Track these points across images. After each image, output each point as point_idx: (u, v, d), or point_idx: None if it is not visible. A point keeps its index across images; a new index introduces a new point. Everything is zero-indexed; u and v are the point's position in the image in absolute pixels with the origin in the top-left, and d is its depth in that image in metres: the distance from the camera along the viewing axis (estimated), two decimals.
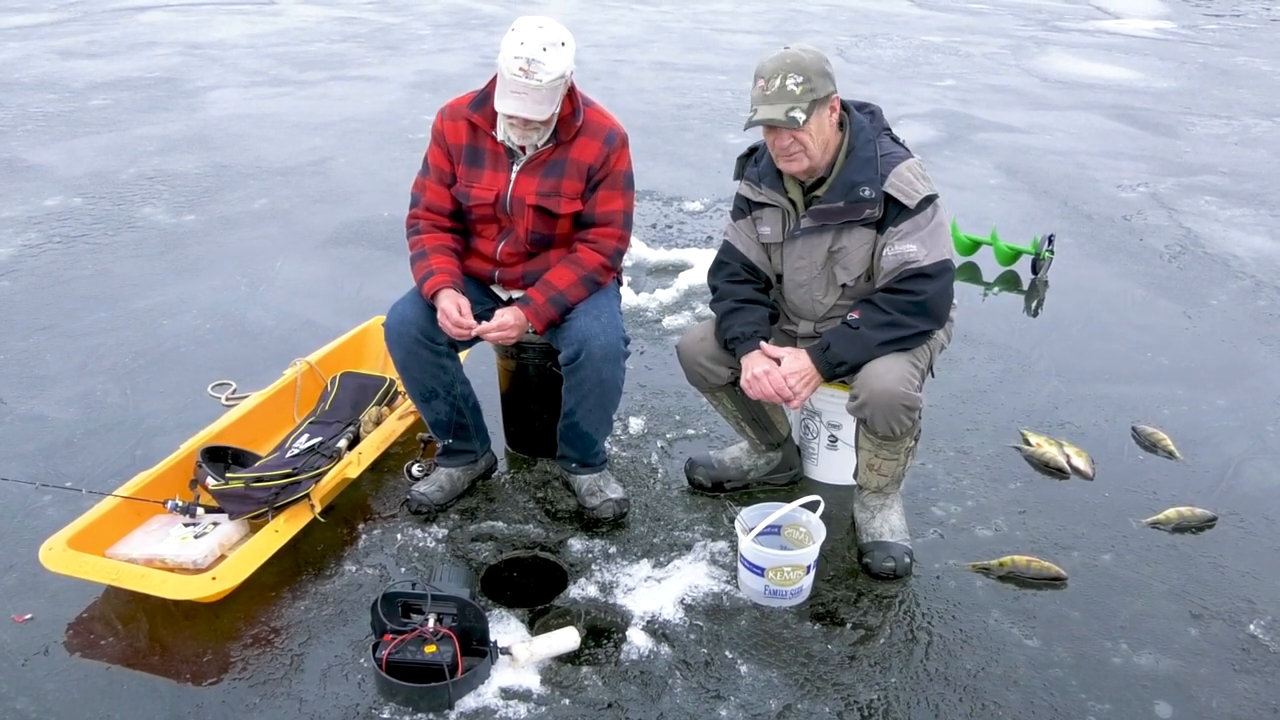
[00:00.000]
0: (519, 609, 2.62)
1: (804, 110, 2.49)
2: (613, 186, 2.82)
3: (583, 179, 2.78)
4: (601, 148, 2.77)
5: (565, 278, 2.81)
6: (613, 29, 11.58)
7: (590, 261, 2.82)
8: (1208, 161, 6.87)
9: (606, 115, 2.83)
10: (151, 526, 2.77)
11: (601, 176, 2.79)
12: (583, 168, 2.77)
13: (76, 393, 3.69)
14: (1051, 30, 12.09)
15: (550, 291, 2.80)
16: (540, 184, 2.78)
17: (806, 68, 2.51)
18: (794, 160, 2.59)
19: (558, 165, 2.77)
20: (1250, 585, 2.74)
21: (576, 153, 2.77)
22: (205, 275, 4.76)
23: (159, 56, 9.61)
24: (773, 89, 2.51)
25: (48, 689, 2.38)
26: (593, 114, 2.81)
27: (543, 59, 2.56)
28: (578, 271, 2.81)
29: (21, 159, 6.45)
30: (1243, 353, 4.15)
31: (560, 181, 2.77)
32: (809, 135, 2.53)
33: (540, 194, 2.77)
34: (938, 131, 7.50)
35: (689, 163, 6.68)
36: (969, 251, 5.02)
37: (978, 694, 2.38)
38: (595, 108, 2.84)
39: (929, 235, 2.57)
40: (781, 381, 2.63)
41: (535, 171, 2.78)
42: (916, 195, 2.56)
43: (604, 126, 2.79)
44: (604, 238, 2.84)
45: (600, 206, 2.82)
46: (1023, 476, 3.24)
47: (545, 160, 2.78)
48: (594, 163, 2.77)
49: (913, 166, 2.60)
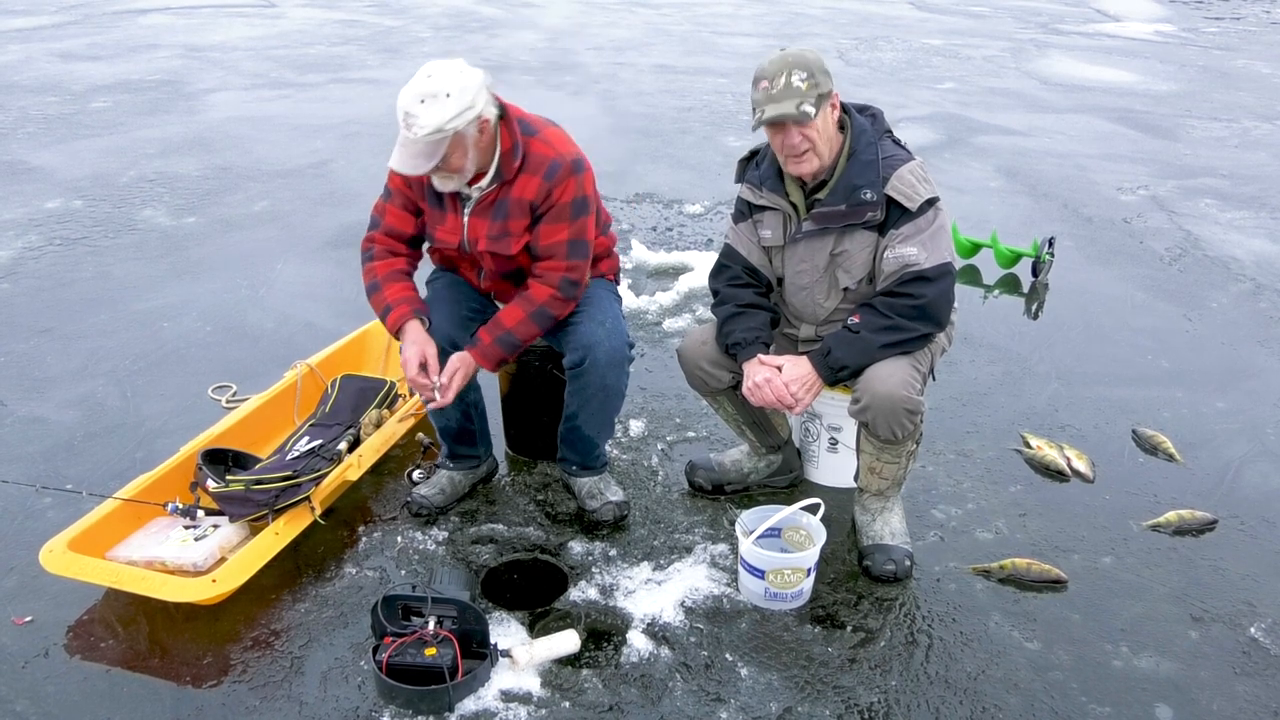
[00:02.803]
0: (519, 612, 2.62)
1: (812, 105, 2.48)
2: (556, 219, 2.69)
3: (527, 215, 2.70)
4: (542, 183, 2.65)
5: (514, 315, 2.76)
6: (613, 32, 11.58)
7: (539, 296, 2.75)
8: (1208, 164, 6.88)
9: (551, 145, 2.69)
10: (152, 529, 2.77)
11: (544, 210, 2.69)
12: (524, 205, 2.68)
13: (77, 395, 3.69)
14: (1051, 33, 12.10)
15: (498, 331, 2.76)
16: (489, 227, 2.72)
17: (809, 64, 2.51)
18: (804, 161, 2.56)
19: (503, 205, 2.69)
20: (1251, 588, 2.74)
21: (519, 191, 2.67)
22: (206, 278, 4.77)
23: (160, 59, 9.62)
24: (778, 87, 2.49)
25: (48, 691, 2.38)
26: (536, 146, 2.67)
27: (418, 112, 2.45)
28: (526, 309, 2.75)
29: (22, 161, 6.45)
30: (1243, 355, 4.15)
31: (506, 222, 2.70)
32: (817, 132, 2.53)
33: (490, 237, 2.72)
34: (938, 134, 7.50)
35: (689, 165, 6.68)
36: (969, 254, 5.02)
37: (978, 697, 2.38)
38: (539, 138, 2.69)
39: (930, 238, 2.57)
40: (783, 389, 2.63)
41: (484, 214, 2.71)
42: (918, 198, 2.55)
43: (545, 159, 2.66)
44: (549, 270, 2.74)
45: (543, 240, 2.72)
46: (1023, 479, 3.24)
47: (492, 201, 2.70)
48: (535, 199, 2.67)
49: (914, 169, 2.59)
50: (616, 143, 7.11)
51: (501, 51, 10.27)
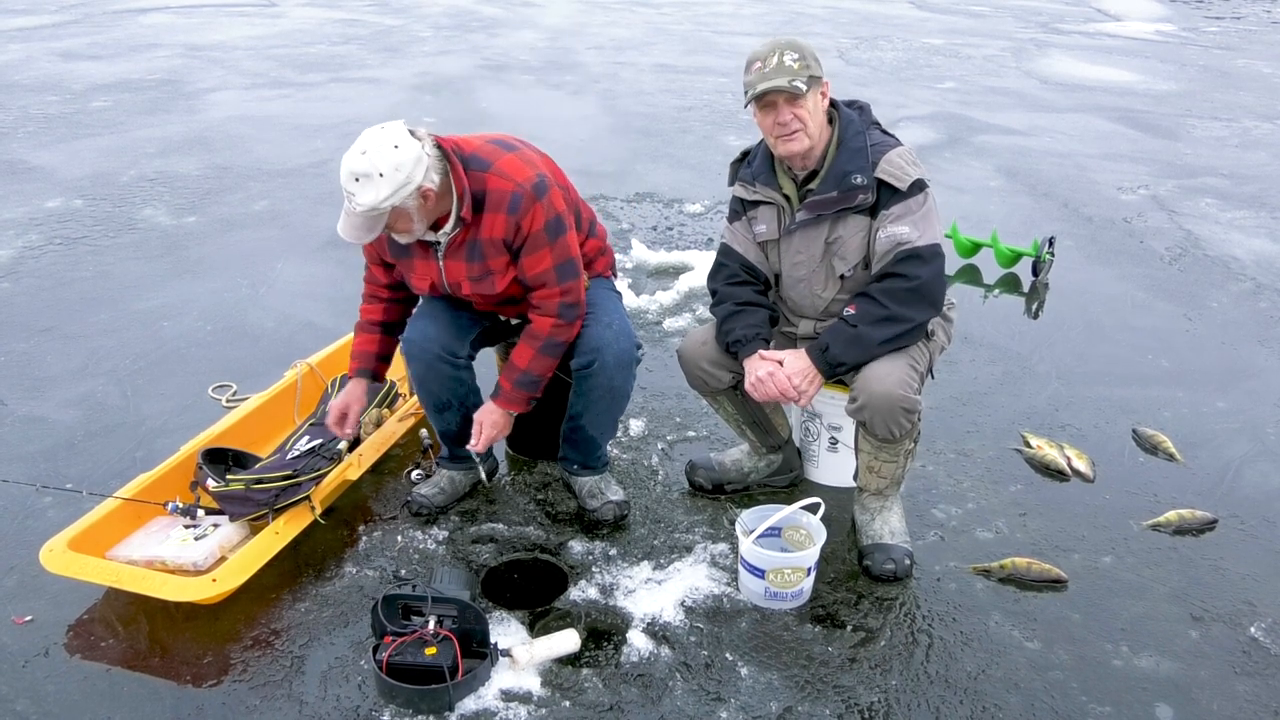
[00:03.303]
0: (519, 611, 2.63)
1: (804, 83, 2.51)
2: (534, 248, 2.65)
3: (503, 253, 2.67)
4: (508, 218, 2.60)
5: (524, 355, 2.77)
6: (613, 31, 11.58)
7: (542, 329, 2.75)
8: (1208, 164, 6.88)
9: (507, 176, 2.59)
10: (152, 528, 2.78)
11: (519, 244, 2.65)
12: (497, 244, 2.65)
13: (77, 394, 3.70)
14: (1052, 33, 12.10)
15: (514, 374, 2.78)
16: (468, 269, 2.70)
17: (801, 47, 2.55)
18: (794, 139, 2.58)
19: (475, 246, 2.66)
20: (1251, 587, 2.74)
21: (486, 231, 2.63)
22: (206, 277, 4.77)
23: (160, 58, 9.62)
24: (770, 66, 2.52)
25: (48, 691, 2.38)
26: (492, 182, 2.59)
27: (354, 190, 2.45)
28: (534, 345, 2.76)
29: (23, 161, 6.45)
30: (1243, 355, 4.15)
31: (485, 262, 2.68)
32: (808, 111, 2.55)
33: (472, 279, 2.72)
34: (938, 134, 7.50)
35: (689, 165, 6.68)
36: (969, 254, 5.01)
37: (978, 696, 2.38)
38: (493, 171, 2.60)
39: (921, 218, 2.58)
40: (786, 382, 2.63)
41: (458, 256, 2.69)
42: (908, 178, 2.58)
43: (505, 194, 2.58)
44: (545, 299, 2.72)
45: (529, 272, 2.69)
46: (1023, 479, 3.24)
47: (462, 243, 2.67)
48: (506, 236, 2.63)
49: (903, 153, 2.62)
50: (617, 142, 7.10)
51: (502, 51, 10.27)
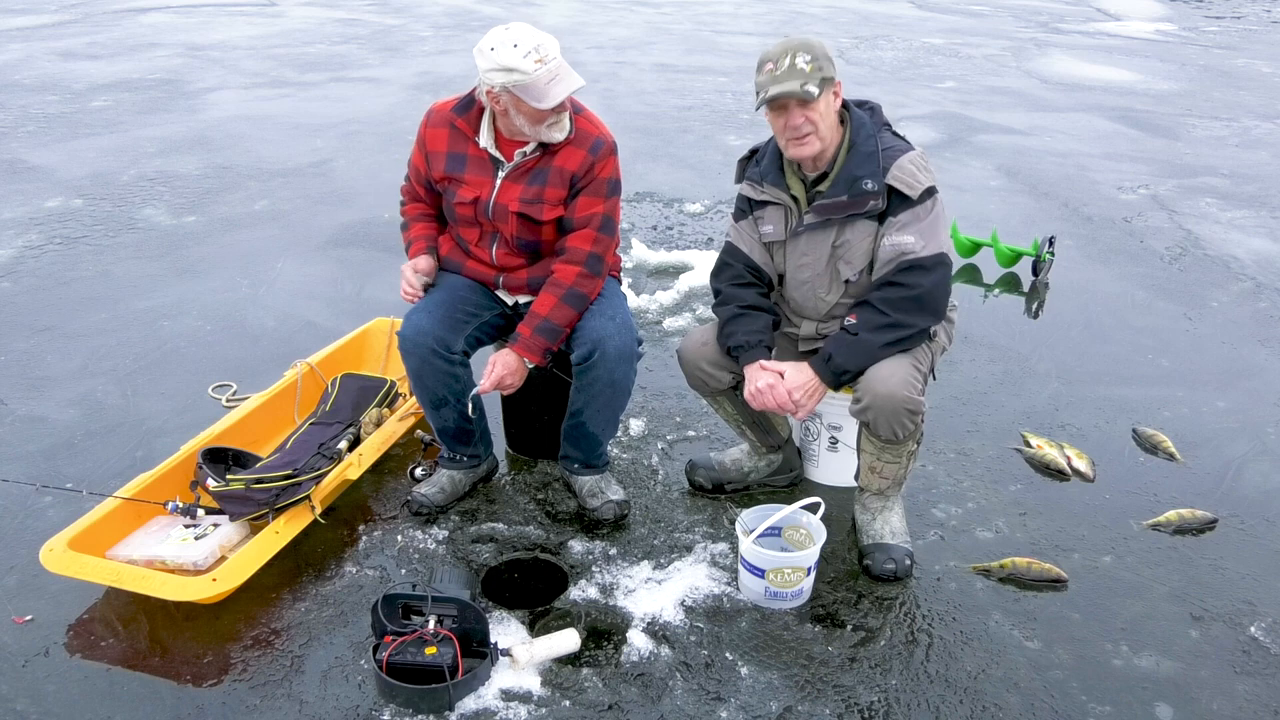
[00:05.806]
0: (519, 611, 2.62)
1: (816, 86, 2.49)
2: (594, 193, 2.79)
3: (566, 186, 2.78)
4: (586, 156, 2.76)
5: (546, 303, 2.80)
6: (613, 31, 11.57)
7: (566, 277, 2.79)
8: (1208, 163, 6.87)
9: (596, 124, 2.82)
10: (152, 528, 2.77)
11: (585, 184, 2.78)
12: (566, 175, 2.77)
13: (77, 394, 3.70)
14: (1052, 32, 12.10)
15: (535, 321, 2.80)
16: (524, 191, 2.78)
17: (814, 48, 2.53)
18: (805, 143, 2.56)
19: (542, 173, 2.77)
20: (1251, 587, 2.74)
21: (561, 160, 2.76)
22: (206, 276, 4.77)
23: (160, 58, 9.62)
24: (782, 68, 2.50)
25: (48, 690, 2.38)
26: (581, 122, 2.79)
27: (543, 40, 2.59)
28: (557, 293, 2.79)
29: (22, 160, 6.45)
30: (1243, 354, 4.15)
31: (544, 189, 2.78)
32: (819, 114, 2.53)
33: (524, 200, 2.78)
34: (938, 133, 7.50)
35: (689, 164, 6.68)
36: (969, 253, 5.02)
37: (978, 696, 2.38)
38: (585, 115, 2.82)
39: (928, 227, 2.57)
40: (785, 396, 2.62)
41: (520, 179, 2.78)
42: (919, 186, 2.56)
43: (590, 135, 2.78)
44: (578, 243, 2.80)
45: (579, 211, 2.80)
46: (1023, 478, 3.24)
47: (531, 168, 2.78)
48: (578, 171, 2.77)
49: (915, 159, 2.60)
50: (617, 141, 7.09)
51: None
